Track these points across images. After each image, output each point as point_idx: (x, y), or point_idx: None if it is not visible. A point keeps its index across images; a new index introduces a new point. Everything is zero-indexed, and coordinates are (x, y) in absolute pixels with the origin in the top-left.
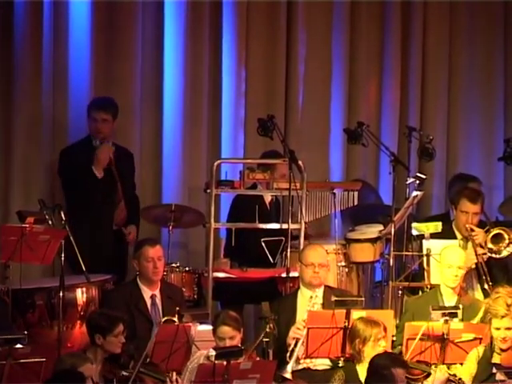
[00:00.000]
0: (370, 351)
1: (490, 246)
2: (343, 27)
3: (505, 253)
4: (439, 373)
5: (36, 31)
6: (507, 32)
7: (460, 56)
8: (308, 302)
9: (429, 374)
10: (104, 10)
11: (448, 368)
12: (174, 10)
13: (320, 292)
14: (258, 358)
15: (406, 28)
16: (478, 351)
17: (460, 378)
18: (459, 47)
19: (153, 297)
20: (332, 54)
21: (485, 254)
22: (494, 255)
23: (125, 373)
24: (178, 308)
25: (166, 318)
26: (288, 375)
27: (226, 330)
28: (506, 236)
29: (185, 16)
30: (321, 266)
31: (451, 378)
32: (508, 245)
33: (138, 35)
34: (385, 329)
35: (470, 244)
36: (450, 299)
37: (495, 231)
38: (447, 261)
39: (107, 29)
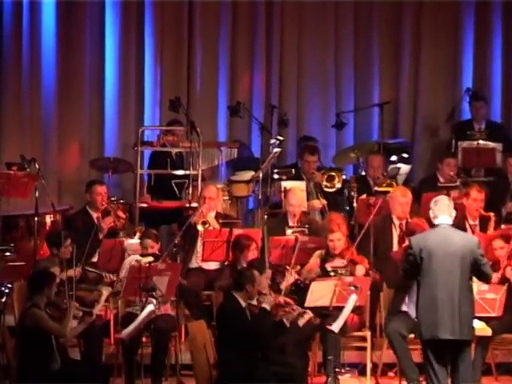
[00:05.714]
0: (246, 258)
1: (325, 183)
2: (227, 28)
3: (336, 187)
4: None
5: (17, 32)
6: (338, 26)
7: (304, 51)
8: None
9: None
10: (63, 10)
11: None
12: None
13: (212, 215)
14: (169, 261)
15: (269, 30)
16: (321, 252)
17: (304, 311)
18: (304, 47)
19: (97, 218)
20: (219, 51)
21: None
22: (328, 190)
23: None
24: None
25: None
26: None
27: (148, 241)
28: (336, 176)
29: (120, 19)
30: (210, 199)
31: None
32: (338, 182)
33: (86, 36)
34: (256, 242)
35: (312, 184)
36: (293, 220)
37: (329, 173)
38: (292, 201)
39: (67, 28)
